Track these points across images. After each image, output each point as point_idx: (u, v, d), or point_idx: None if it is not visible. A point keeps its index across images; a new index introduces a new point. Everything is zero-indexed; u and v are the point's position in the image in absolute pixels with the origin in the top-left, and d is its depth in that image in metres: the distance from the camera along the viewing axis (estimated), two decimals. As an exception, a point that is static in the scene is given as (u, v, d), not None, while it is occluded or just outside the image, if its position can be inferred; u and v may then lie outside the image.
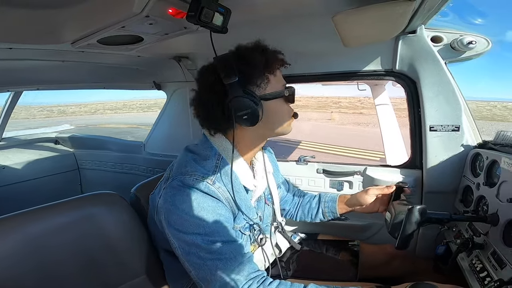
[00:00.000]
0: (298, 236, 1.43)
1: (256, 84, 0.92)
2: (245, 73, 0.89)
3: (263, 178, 1.11)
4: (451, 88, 1.31)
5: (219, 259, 0.85)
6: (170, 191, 0.90)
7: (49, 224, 0.99)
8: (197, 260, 0.86)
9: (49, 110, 35.62)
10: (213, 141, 0.99)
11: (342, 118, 20.01)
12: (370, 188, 1.21)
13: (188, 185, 0.88)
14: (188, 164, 0.94)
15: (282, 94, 0.96)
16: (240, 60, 0.89)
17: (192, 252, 0.86)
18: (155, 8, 0.85)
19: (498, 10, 71.88)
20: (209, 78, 0.91)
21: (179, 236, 0.87)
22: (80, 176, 3.08)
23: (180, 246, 0.88)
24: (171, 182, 0.91)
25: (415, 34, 1.31)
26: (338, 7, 0.95)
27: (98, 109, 36.13)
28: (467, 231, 1.14)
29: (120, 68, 1.89)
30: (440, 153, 1.37)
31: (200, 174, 0.90)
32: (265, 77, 0.93)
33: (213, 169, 0.93)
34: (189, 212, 0.86)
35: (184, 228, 0.86)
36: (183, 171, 0.91)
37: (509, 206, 0.93)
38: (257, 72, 0.91)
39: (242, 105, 0.88)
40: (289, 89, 0.98)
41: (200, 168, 0.92)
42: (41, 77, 1.93)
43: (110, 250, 1.07)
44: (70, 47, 1.13)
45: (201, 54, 1.70)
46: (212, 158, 0.96)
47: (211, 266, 0.85)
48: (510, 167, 0.99)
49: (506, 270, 0.87)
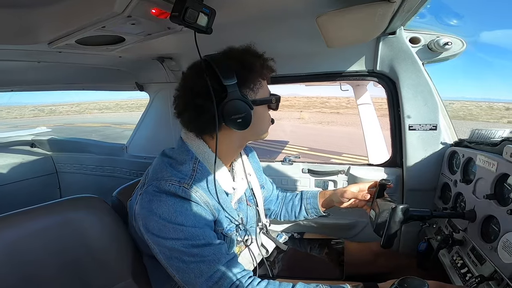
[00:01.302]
0: (284, 236, 1.44)
1: (250, 87, 0.92)
2: (243, 76, 0.89)
3: (243, 179, 1.11)
4: (429, 88, 1.35)
5: (203, 261, 0.84)
6: (146, 197, 0.88)
7: (28, 229, 0.95)
8: (180, 264, 0.85)
9: (40, 110, 34.79)
10: (190, 144, 0.97)
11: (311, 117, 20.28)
12: (347, 190, 1.20)
13: (164, 191, 0.86)
14: (163, 169, 0.92)
15: (270, 100, 0.98)
16: (238, 62, 0.89)
17: (174, 256, 0.85)
18: (138, 8, 0.82)
19: (473, 11, 75.05)
20: (202, 77, 0.88)
21: (159, 241, 0.86)
22: (58, 180, 2.97)
23: (161, 252, 0.87)
24: (147, 188, 0.89)
25: (395, 35, 1.35)
26: (321, 8, 0.96)
27: (87, 108, 35.62)
28: (446, 227, 1.18)
29: (100, 69, 1.84)
30: (419, 151, 1.41)
31: (176, 179, 0.88)
32: (258, 82, 0.94)
33: (190, 173, 0.92)
34: (167, 218, 0.84)
35: (163, 234, 0.85)
36: (159, 176, 0.89)
37: (485, 202, 0.97)
38: (253, 76, 0.92)
39: (238, 108, 0.88)
40: (275, 96, 1.00)
41: (176, 173, 0.90)
42: (15, 78, 1.86)
43: (93, 254, 1.04)
44: (47, 47, 1.09)
45: (185, 54, 1.68)
46: (189, 162, 0.94)
47: (195, 269, 0.84)
48: (485, 164, 1.02)
49: (486, 266, 0.90)
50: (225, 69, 0.87)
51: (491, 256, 0.88)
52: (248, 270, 0.91)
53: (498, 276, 0.84)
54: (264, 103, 0.97)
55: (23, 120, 26.88)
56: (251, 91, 0.93)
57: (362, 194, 1.17)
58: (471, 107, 22.80)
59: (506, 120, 17.56)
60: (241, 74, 0.89)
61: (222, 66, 0.88)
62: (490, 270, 0.87)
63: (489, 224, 0.96)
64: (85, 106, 36.65)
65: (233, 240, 1.03)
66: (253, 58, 0.93)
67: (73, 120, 24.49)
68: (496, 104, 23.34)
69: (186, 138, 0.99)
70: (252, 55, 0.94)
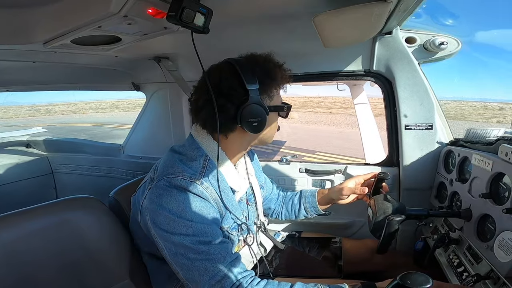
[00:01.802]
0: (281, 235, 1.45)
1: (268, 94, 0.96)
2: (265, 83, 0.93)
3: (245, 179, 1.13)
4: (425, 88, 1.36)
5: (208, 259, 0.85)
6: (156, 191, 0.88)
7: (23, 230, 0.95)
8: (185, 261, 0.85)
9: (36, 110, 34.65)
10: (201, 142, 0.99)
11: (302, 116, 20.25)
12: (344, 187, 1.22)
13: (176, 186, 0.87)
14: (175, 164, 0.93)
15: (282, 108, 1.02)
16: (262, 69, 0.93)
17: (179, 253, 0.85)
18: (134, 8, 0.82)
19: (468, 11, 75.16)
20: (225, 78, 0.92)
21: (166, 236, 0.86)
22: (54, 181, 2.95)
23: (166, 247, 0.87)
24: (157, 183, 0.89)
25: (391, 35, 1.36)
26: (318, 8, 0.96)
27: (83, 108, 35.50)
28: (442, 226, 1.19)
29: (96, 69, 1.83)
30: (415, 151, 1.42)
31: (187, 175, 0.89)
32: (275, 90, 0.99)
33: (200, 170, 0.94)
34: (176, 213, 0.85)
35: (171, 229, 0.85)
36: (170, 171, 0.90)
37: (481, 201, 0.98)
38: (274, 84, 0.96)
39: (256, 112, 0.91)
40: (287, 104, 1.03)
41: (187, 169, 0.92)
42: (10, 78, 1.84)
43: (90, 255, 1.04)
44: (42, 47, 1.08)
45: (182, 54, 1.67)
46: (199, 159, 0.96)
47: (199, 266, 0.84)
48: (480, 163, 1.03)
49: (482, 265, 0.91)
50: (250, 74, 0.91)
51: (487, 255, 0.89)
52: (250, 271, 0.91)
53: (495, 275, 0.85)
54: (277, 110, 1.01)
55: (18, 120, 26.77)
56: (269, 98, 0.97)
57: (360, 189, 1.19)
58: (465, 107, 22.89)
59: (495, 120, 17.69)
60: (263, 81, 0.93)
61: (246, 70, 0.91)
62: (487, 269, 0.88)
63: (485, 223, 0.96)
64: (81, 106, 36.51)
65: (234, 240, 1.04)
66: (275, 67, 0.97)
67: (67, 119, 24.42)
68: (491, 104, 23.47)
69: (197, 136, 1.00)
70: (274, 64, 0.98)
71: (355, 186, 1.21)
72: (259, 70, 0.93)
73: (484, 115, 19.76)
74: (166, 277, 1.01)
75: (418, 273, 0.67)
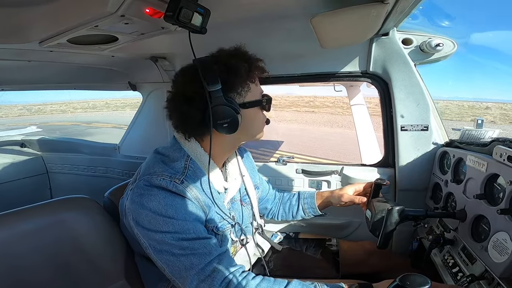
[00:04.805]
0: (278, 236, 1.45)
1: (237, 91, 0.93)
2: (228, 81, 0.89)
3: (236, 179, 1.12)
4: (420, 89, 1.37)
5: (193, 254, 0.84)
6: (137, 191, 0.88)
7: (18, 230, 0.94)
8: (170, 257, 0.84)
9: (28, 109, 34.37)
10: (183, 143, 0.99)
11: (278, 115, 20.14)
12: (344, 194, 1.21)
13: (156, 185, 0.86)
14: (156, 165, 0.93)
15: (260, 103, 0.99)
16: (224, 67, 0.89)
17: (163, 250, 0.85)
18: (131, 7, 0.82)
19: (464, 13, 75.78)
20: (189, 82, 0.90)
21: (149, 235, 0.86)
22: (49, 180, 2.92)
23: (151, 245, 0.87)
24: (138, 183, 0.89)
25: (388, 37, 1.36)
26: (316, 9, 0.97)
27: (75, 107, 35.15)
28: (437, 227, 1.20)
29: (93, 68, 1.82)
30: (411, 152, 1.43)
31: (168, 174, 0.89)
32: (246, 85, 0.94)
33: (182, 170, 0.93)
34: (157, 211, 0.84)
35: (152, 227, 0.85)
36: (151, 171, 0.90)
37: (475, 202, 0.99)
38: (239, 80, 0.92)
39: (223, 113, 0.88)
40: (266, 98, 1.00)
41: (168, 169, 0.91)
42: (5, 77, 1.82)
43: (85, 256, 1.03)
44: (38, 46, 1.07)
45: (179, 54, 1.67)
46: (181, 160, 0.95)
47: (185, 262, 0.83)
48: (475, 164, 1.04)
49: (476, 265, 0.91)
50: (210, 74, 0.87)
51: (482, 255, 0.89)
52: (241, 265, 0.90)
53: (489, 276, 0.86)
54: (254, 106, 0.97)
55: (7, 119, 26.68)
56: (238, 95, 0.94)
57: (359, 198, 1.19)
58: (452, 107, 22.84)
59: (469, 119, 17.80)
60: (226, 79, 0.89)
61: (207, 71, 0.88)
62: (481, 269, 0.89)
63: (480, 224, 0.97)
64: (73, 105, 36.21)
65: (226, 237, 1.03)
66: (240, 62, 0.92)
67: (54, 119, 24.32)
68: (479, 104, 23.51)
69: (179, 137, 1.00)
70: (239, 59, 0.93)
71: (354, 193, 1.21)
72: (221, 69, 0.89)
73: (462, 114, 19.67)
74: (157, 278, 1.00)
75: (417, 275, 0.68)
